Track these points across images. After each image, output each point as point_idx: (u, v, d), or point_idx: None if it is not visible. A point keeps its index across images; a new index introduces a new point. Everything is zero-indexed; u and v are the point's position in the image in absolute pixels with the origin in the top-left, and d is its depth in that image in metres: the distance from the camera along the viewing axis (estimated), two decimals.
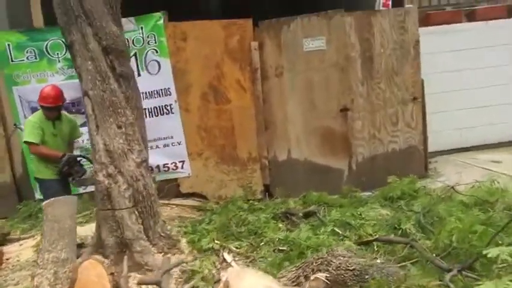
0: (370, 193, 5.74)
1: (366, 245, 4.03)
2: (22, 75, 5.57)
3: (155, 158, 5.89)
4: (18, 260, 4.28)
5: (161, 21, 5.73)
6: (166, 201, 5.63)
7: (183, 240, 4.11)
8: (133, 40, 5.73)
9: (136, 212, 3.57)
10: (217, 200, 5.85)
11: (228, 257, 3.83)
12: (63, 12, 3.57)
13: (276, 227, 4.50)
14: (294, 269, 3.19)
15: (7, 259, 4.34)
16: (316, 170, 6.02)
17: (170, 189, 5.98)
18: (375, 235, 4.17)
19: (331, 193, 5.53)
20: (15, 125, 5.46)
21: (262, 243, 4.07)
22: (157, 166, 5.93)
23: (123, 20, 5.51)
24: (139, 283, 2.57)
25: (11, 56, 5.53)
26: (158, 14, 5.73)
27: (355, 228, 4.39)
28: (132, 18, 5.69)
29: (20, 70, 5.55)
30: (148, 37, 5.74)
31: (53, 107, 4.05)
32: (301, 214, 4.75)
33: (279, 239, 4.13)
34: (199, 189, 6.03)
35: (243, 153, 6.01)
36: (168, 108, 5.88)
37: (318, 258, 3.08)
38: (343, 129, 6.01)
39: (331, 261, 3.00)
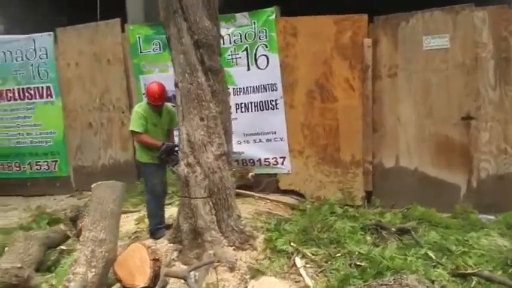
0: (491, 217, 4.92)
1: (462, 278, 3.46)
2: (148, 65, 6.19)
3: (257, 152, 6.02)
4: (121, 231, 4.78)
5: (273, 16, 5.73)
6: (262, 196, 5.67)
7: (261, 237, 4.07)
8: (245, 35, 5.87)
9: (210, 203, 3.67)
10: (314, 201, 5.67)
11: (299, 262, 3.68)
12: (164, 7, 3.81)
13: (362, 239, 4.15)
14: None
15: None
16: (427, 182, 5.38)
17: (269, 184, 6.02)
18: (477, 268, 3.55)
19: (440, 210, 4.90)
20: None
21: (339, 254, 3.78)
22: (258, 160, 6.02)
23: (238, 15, 5.78)
24: (166, 275, 2.63)
25: (140, 47, 6.18)
26: (271, 9, 5.74)
27: (454, 255, 3.81)
28: (246, 13, 5.83)
29: (146, 60, 6.18)
30: (259, 32, 5.81)
31: (159, 105, 4.37)
32: (393, 229, 4.29)
33: (359, 252, 3.80)
34: (298, 187, 5.93)
35: (346, 155, 5.70)
36: (274, 103, 5.88)
37: (382, 284, 2.74)
38: (463, 140, 5.23)
39: None
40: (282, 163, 5.96)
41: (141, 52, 6.20)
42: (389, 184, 5.54)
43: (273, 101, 5.88)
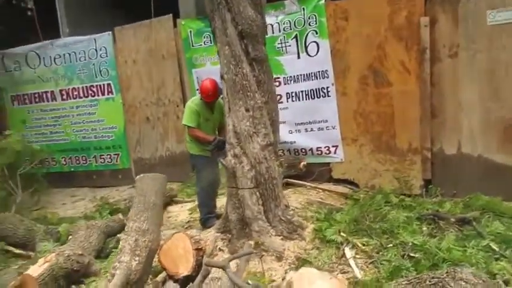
0: None
1: None
2: (199, 59, 6.30)
3: (308, 141, 5.93)
4: (175, 220, 4.98)
5: (322, 1, 5.58)
6: (314, 185, 5.60)
7: (310, 227, 4.03)
8: (294, 22, 5.78)
9: (257, 193, 3.68)
10: (369, 190, 5.50)
11: (349, 253, 3.60)
12: (209, 0, 3.83)
13: (418, 229, 3.97)
14: (404, 282, 2.77)
15: (168, 217, 5.10)
16: (492, 170, 4.99)
17: (322, 173, 5.93)
18: None
19: (506, 199, 4.54)
20: None
21: (391, 244, 3.64)
22: (310, 149, 5.94)
23: (287, 1, 5.70)
24: (207, 264, 2.66)
25: (191, 41, 6.31)
26: None
27: None
28: (295, 0, 5.72)
29: (198, 54, 6.29)
30: (309, 18, 5.68)
31: (211, 101, 4.44)
32: (453, 219, 4.05)
33: (413, 243, 3.63)
34: (352, 176, 5.78)
35: (402, 142, 5.44)
36: (325, 91, 5.75)
37: (434, 277, 2.59)
38: None
39: (449, 284, 2.49)
40: (335, 152, 5.83)
41: (192, 46, 6.32)
42: (450, 172, 5.21)
43: (324, 88, 5.75)
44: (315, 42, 5.69)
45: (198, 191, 4.63)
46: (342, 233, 3.89)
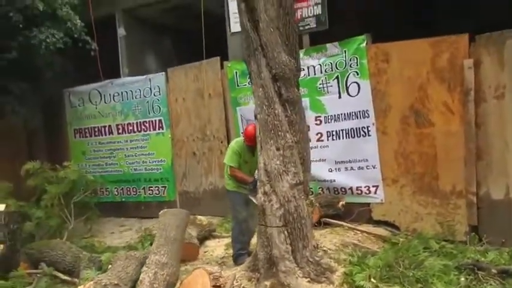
0: None
1: None
2: (243, 98, 6.57)
3: (348, 180, 5.91)
4: (211, 255, 5.10)
5: (364, 44, 5.68)
6: (352, 226, 5.51)
7: (340, 270, 3.97)
8: (336, 63, 5.91)
9: (285, 232, 3.71)
10: (410, 233, 5.33)
11: None
12: (246, 46, 4.07)
13: (454, 280, 3.79)
14: None
15: (205, 252, 5.24)
16: None
17: (362, 213, 5.84)
18: None
19: None
20: None
21: None
22: (350, 188, 5.89)
23: (329, 45, 5.89)
24: None
25: (237, 81, 6.61)
26: (362, 37, 5.71)
27: None
28: (336, 43, 5.88)
29: (242, 93, 6.56)
30: (350, 60, 5.79)
31: (251, 145, 4.62)
32: (494, 271, 3.82)
33: None
34: (392, 218, 5.64)
35: (445, 185, 5.27)
36: (365, 130, 5.75)
37: None
38: None
39: None
40: (375, 192, 5.74)
41: (237, 86, 6.62)
42: (499, 218, 4.95)
43: (364, 127, 5.75)
44: (356, 82, 5.77)
45: (232, 226, 4.76)
46: (372, 279, 3.79)
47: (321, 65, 6.01)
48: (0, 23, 6.24)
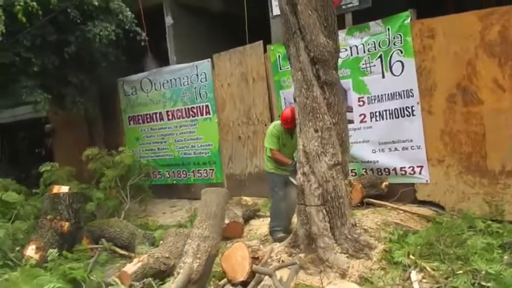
0: None
1: None
2: (287, 81, 6.65)
3: (392, 161, 5.87)
4: (255, 232, 5.33)
5: (408, 20, 5.56)
6: (395, 206, 5.50)
7: (380, 247, 4.04)
8: (379, 42, 5.83)
9: (324, 211, 3.83)
10: (456, 213, 5.24)
11: (414, 276, 3.55)
12: (285, 30, 4.17)
13: (498, 258, 3.74)
14: None
15: (250, 230, 5.48)
16: None
17: (406, 194, 5.79)
18: None
19: None
20: None
21: (461, 271, 3.51)
22: (394, 169, 5.86)
23: (372, 23, 5.83)
24: (254, 271, 2.87)
25: (279, 65, 6.71)
26: (406, 13, 5.58)
27: None
28: (379, 21, 5.79)
29: (285, 76, 6.64)
30: (394, 38, 5.69)
31: (289, 128, 4.75)
32: None
33: (487, 272, 3.45)
34: (438, 198, 5.55)
35: (494, 164, 5.11)
36: (410, 110, 5.67)
37: None
38: None
39: None
40: (420, 172, 5.67)
41: (280, 69, 6.71)
42: None
43: (409, 107, 5.67)
44: (399, 61, 5.67)
45: (271, 204, 4.96)
46: (411, 256, 3.83)
47: (363, 45, 5.95)
48: (60, 19, 6.73)
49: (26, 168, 10.46)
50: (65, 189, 5.49)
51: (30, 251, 4.71)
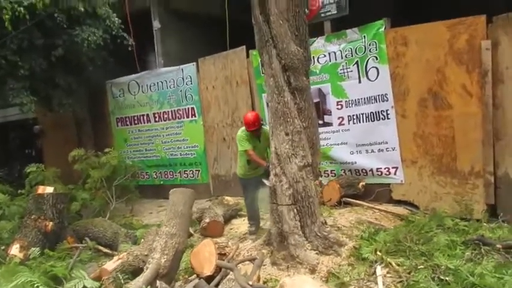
0: None
1: None
2: None
3: (369, 162, 6.10)
4: (235, 231, 5.53)
5: (382, 29, 5.79)
6: (372, 205, 5.73)
7: (350, 244, 4.25)
8: (356, 49, 6.06)
9: (294, 210, 4.03)
10: (429, 212, 5.47)
11: (379, 271, 3.76)
12: (258, 38, 4.37)
13: (459, 254, 3.96)
14: None
15: (230, 229, 5.67)
16: None
17: (382, 193, 6.04)
18: None
19: None
20: None
21: (423, 266, 3.73)
22: (371, 169, 6.09)
23: (349, 30, 6.05)
24: (218, 265, 3.06)
25: (262, 69, 6.88)
26: (380, 21, 5.81)
27: None
28: (356, 29, 6.02)
29: None
30: (370, 45, 5.92)
31: (253, 130, 5.01)
32: (499, 246, 3.96)
33: (447, 267, 3.67)
34: (412, 198, 5.80)
35: (463, 165, 5.36)
36: (385, 113, 5.90)
37: None
38: None
39: None
40: (395, 173, 5.91)
41: (262, 73, 6.85)
42: None
43: (384, 111, 5.90)
44: (375, 67, 5.90)
45: (245, 205, 5.26)
46: (378, 252, 4.05)
47: (341, 51, 6.17)
48: (47, 23, 6.88)
49: (17, 168, 10.58)
50: (49, 189, 5.65)
51: (15, 249, 4.87)
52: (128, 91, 8.68)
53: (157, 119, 8.39)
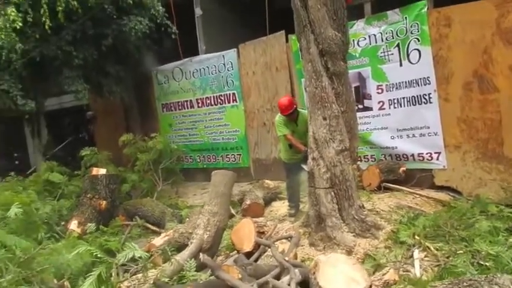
0: None
1: None
2: None
3: (410, 147, 6.04)
4: (275, 213, 5.70)
5: (424, 10, 5.66)
6: (412, 190, 5.69)
7: (388, 228, 4.29)
8: (397, 31, 5.97)
9: (332, 193, 4.12)
10: (472, 199, 5.38)
11: (416, 255, 3.79)
12: (296, 24, 4.43)
13: (502, 240, 3.90)
14: (446, 282, 2.96)
15: (270, 211, 5.85)
16: None
17: (423, 179, 5.97)
18: None
19: None
20: None
21: (462, 251, 3.72)
22: (412, 155, 6.03)
23: (389, 12, 5.97)
24: (256, 241, 3.21)
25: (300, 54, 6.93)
26: (422, 2, 5.69)
27: None
28: (397, 10, 5.93)
29: None
30: (411, 27, 5.81)
31: (287, 114, 5.08)
32: None
33: (488, 252, 3.65)
34: (455, 184, 5.71)
35: (510, 150, 5.21)
36: (427, 97, 5.81)
37: (471, 280, 2.76)
38: None
39: (482, 287, 2.65)
40: (437, 158, 5.82)
41: (301, 58, 6.92)
42: None
43: (426, 95, 5.81)
44: (417, 49, 5.80)
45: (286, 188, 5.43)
46: (416, 236, 4.06)
47: (381, 33, 6.10)
48: (97, 14, 7.25)
49: (72, 151, 11.28)
50: (102, 171, 6.07)
51: (73, 225, 5.32)
52: (172, 78, 8.98)
53: (200, 105, 8.65)
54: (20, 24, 6.03)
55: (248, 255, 3.56)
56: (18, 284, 3.15)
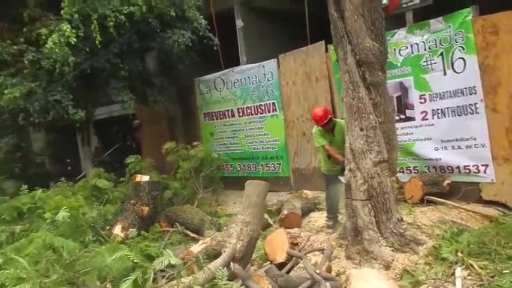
0: None
1: None
2: None
3: (455, 158, 5.84)
4: (313, 224, 5.67)
5: (469, 17, 5.48)
6: (457, 204, 5.47)
7: (429, 243, 4.15)
8: (440, 40, 5.82)
9: (369, 205, 4.04)
10: None
11: (459, 273, 3.64)
12: (334, 34, 4.42)
13: None
14: None
15: (308, 221, 5.82)
16: None
17: (470, 192, 5.74)
18: None
19: None
20: None
21: (508, 271, 3.53)
22: (457, 167, 5.82)
23: (432, 20, 5.85)
24: (288, 253, 3.17)
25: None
26: (467, 9, 5.52)
27: None
28: (440, 18, 5.79)
29: None
30: (455, 35, 5.65)
31: (322, 125, 5.06)
32: None
33: None
34: (504, 198, 5.44)
35: None
36: (473, 107, 5.60)
37: None
38: None
39: None
40: (485, 171, 5.58)
41: (339, 68, 6.87)
42: None
43: (472, 105, 5.60)
44: (461, 58, 5.62)
45: (325, 199, 5.34)
46: (459, 253, 3.88)
47: (424, 42, 5.96)
48: (142, 28, 7.58)
49: (119, 158, 11.76)
50: (145, 178, 6.29)
51: (117, 229, 5.54)
52: (214, 88, 9.17)
53: (240, 114, 8.78)
54: (75, 39, 6.40)
55: (281, 266, 3.57)
56: (61, 284, 3.32)
